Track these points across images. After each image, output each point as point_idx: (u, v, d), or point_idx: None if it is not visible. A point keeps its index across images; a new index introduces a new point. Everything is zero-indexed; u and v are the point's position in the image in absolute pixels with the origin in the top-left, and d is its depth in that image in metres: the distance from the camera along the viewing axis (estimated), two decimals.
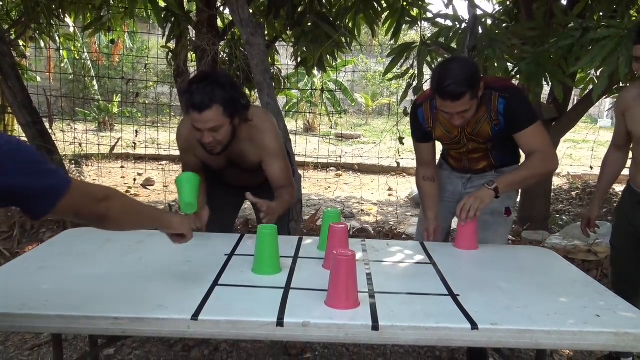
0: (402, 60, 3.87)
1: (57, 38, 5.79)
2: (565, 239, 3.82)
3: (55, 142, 3.75)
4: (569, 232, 4.01)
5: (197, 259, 1.74)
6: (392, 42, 4.12)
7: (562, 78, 3.32)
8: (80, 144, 4.59)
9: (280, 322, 1.29)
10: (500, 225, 2.25)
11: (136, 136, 4.64)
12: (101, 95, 10.16)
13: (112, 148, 4.65)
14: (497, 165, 2.22)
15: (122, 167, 7.38)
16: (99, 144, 5.79)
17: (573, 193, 5.69)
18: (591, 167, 5.59)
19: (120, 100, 10.33)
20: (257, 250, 1.62)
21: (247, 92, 4.21)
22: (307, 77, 10.51)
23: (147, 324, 1.30)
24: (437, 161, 2.34)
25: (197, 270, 1.63)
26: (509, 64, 3.29)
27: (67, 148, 5.76)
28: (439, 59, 3.97)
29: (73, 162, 4.23)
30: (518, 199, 4.68)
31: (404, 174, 7.59)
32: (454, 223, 2.25)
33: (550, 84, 3.32)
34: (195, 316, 1.30)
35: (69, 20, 6.32)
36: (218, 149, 1.94)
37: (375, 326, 1.29)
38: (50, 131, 3.55)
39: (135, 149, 5.04)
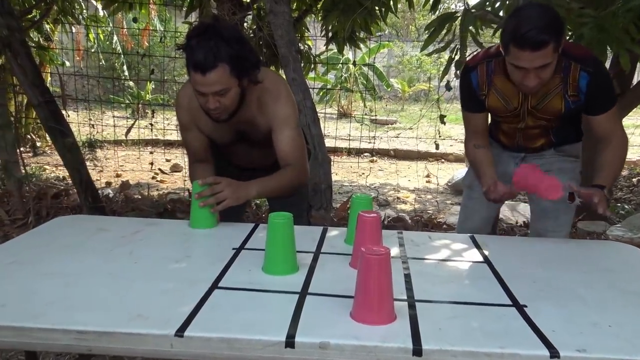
0: (442, 33, 3.49)
1: (81, 20, 5.62)
2: (629, 231, 3.38)
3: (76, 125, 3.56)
4: (633, 222, 3.56)
5: (199, 254, 1.44)
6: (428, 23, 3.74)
7: (631, 45, 2.87)
8: (93, 126, 4.38)
9: (290, 342, 0.98)
10: (562, 212, 1.89)
11: (153, 117, 4.40)
12: (133, 82, 10.03)
13: (128, 130, 4.44)
14: (556, 143, 1.86)
15: (151, 152, 7.23)
16: (116, 127, 5.59)
17: (634, 179, 5.17)
18: None
19: (153, 86, 10.22)
20: (268, 245, 1.31)
21: (273, 69, 3.89)
22: (340, 60, 10.13)
23: (118, 341, 1.01)
24: None
25: (196, 267, 1.33)
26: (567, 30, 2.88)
27: (97, 133, 5.59)
28: (485, 28, 3.57)
29: (86, 145, 4.03)
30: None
31: (443, 160, 7.17)
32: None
33: (612, 52, 2.89)
34: (180, 331, 1.00)
35: (94, 1, 6.15)
36: (224, 115, 1.64)
37: (417, 350, 0.96)
38: (64, 112, 3.32)
39: (152, 130, 4.82)
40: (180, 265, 1.35)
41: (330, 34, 4.04)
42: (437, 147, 4.35)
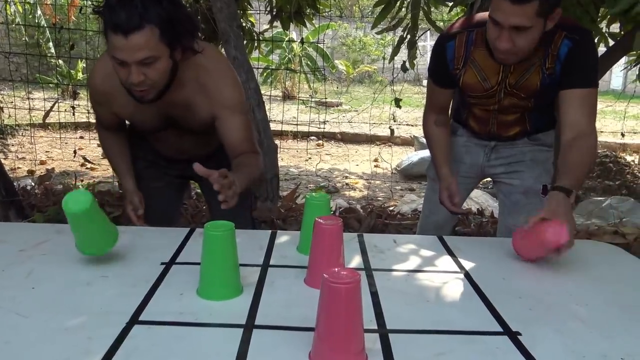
0: (393, 10, 3.29)
1: None
2: (582, 216, 3.34)
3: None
4: (586, 207, 3.53)
5: (118, 273, 1.15)
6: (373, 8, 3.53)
7: (590, 25, 2.77)
8: (2, 109, 3.89)
9: None
10: (535, 207, 1.72)
11: (74, 99, 3.96)
12: (58, 57, 9.27)
13: (47, 113, 3.98)
14: (531, 131, 1.69)
15: (80, 137, 6.69)
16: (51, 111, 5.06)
17: None
18: (622, 135, 5.14)
19: (85, 65, 9.49)
20: (204, 263, 1.05)
21: None
22: (285, 41, 9.78)
23: None
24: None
25: (111, 293, 1.06)
26: None
27: (10, 117, 5.05)
28: (438, 8, 3.40)
29: None
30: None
31: (391, 143, 7.05)
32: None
33: None
34: None
35: None
36: (151, 93, 1.35)
37: None
38: None
39: (74, 114, 4.37)
40: (92, 289, 1.07)
41: (274, 11, 3.74)
42: (392, 133, 4.16)
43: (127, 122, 1.64)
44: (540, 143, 1.72)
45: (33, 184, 3.68)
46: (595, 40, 3.80)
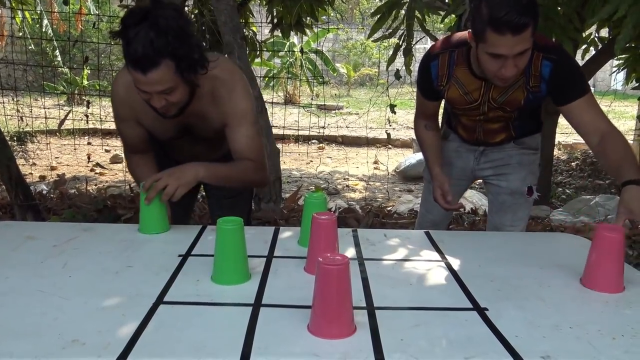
0: (390, 19, 3.46)
1: (6, 1, 5.21)
2: (570, 214, 3.49)
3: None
4: (574, 206, 3.69)
5: (141, 263, 1.33)
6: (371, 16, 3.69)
7: (574, 34, 2.94)
8: (22, 118, 4.07)
9: None
10: (521, 206, 1.89)
11: (88, 107, 4.14)
12: (68, 67, 9.48)
13: (62, 122, 4.16)
14: (516, 136, 1.84)
15: (88, 143, 6.88)
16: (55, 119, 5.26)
17: (573, 164, 5.36)
18: None
19: (89, 71, 9.69)
20: (217, 253, 1.22)
21: None
22: (286, 46, 9.96)
23: None
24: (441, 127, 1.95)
25: (138, 280, 1.23)
26: None
27: (33, 123, 5.22)
28: (432, 15, 3.56)
29: (15, 138, 3.74)
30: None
31: (390, 146, 7.22)
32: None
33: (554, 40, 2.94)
34: (122, 358, 0.90)
35: None
36: (173, 111, 1.50)
37: None
38: None
39: (87, 122, 4.55)
40: (121, 277, 1.24)
41: (275, 20, 3.92)
42: (388, 137, 4.33)
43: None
44: (525, 147, 1.86)
45: (48, 188, 3.86)
46: (585, 46, 3.97)
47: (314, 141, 7.46)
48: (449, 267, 1.35)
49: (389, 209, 3.79)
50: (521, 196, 1.84)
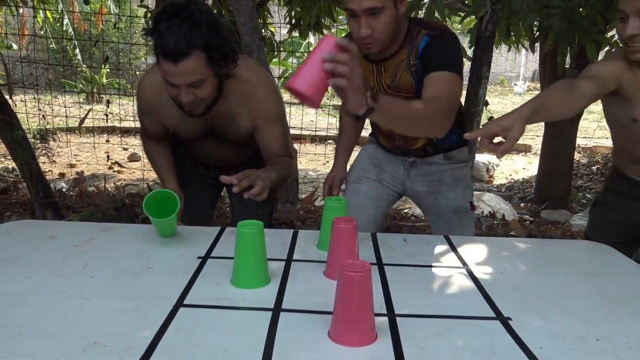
0: None
1: (28, 1, 5.28)
2: (585, 218, 3.43)
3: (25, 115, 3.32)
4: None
5: (161, 265, 1.33)
6: None
7: (597, 36, 2.89)
8: (44, 117, 4.13)
9: None
10: (468, 223, 1.87)
11: (108, 106, 4.19)
12: (87, 66, 9.60)
13: (82, 120, 4.22)
14: (438, 143, 1.77)
15: (107, 141, 6.95)
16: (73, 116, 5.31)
17: (593, 168, 5.28)
18: None
19: (108, 70, 9.79)
20: (237, 256, 1.21)
21: None
22: (303, 45, 9.96)
23: None
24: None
25: (158, 282, 1.23)
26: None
27: (51, 121, 5.29)
28: (451, 18, 3.53)
29: (38, 136, 3.79)
30: (534, 175, 4.27)
31: None
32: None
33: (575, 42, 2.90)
34: None
35: None
36: (200, 108, 1.51)
37: None
38: (10, 102, 3.10)
39: (107, 121, 4.60)
40: (141, 279, 1.24)
41: (293, 21, 3.92)
42: None
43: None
44: (455, 160, 1.83)
45: (67, 186, 3.90)
46: (607, 48, 3.91)
47: (330, 141, 7.45)
48: (470, 274, 1.33)
49: (405, 211, 3.76)
50: (465, 212, 1.82)
